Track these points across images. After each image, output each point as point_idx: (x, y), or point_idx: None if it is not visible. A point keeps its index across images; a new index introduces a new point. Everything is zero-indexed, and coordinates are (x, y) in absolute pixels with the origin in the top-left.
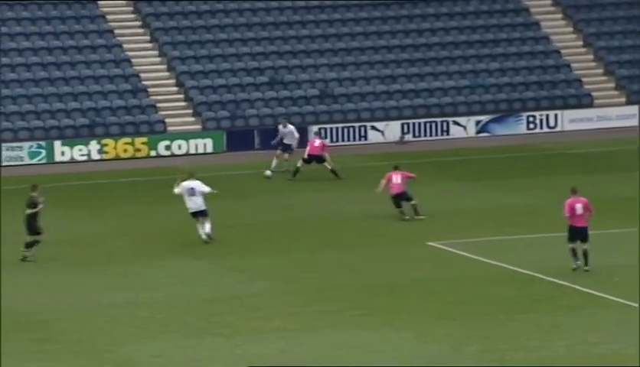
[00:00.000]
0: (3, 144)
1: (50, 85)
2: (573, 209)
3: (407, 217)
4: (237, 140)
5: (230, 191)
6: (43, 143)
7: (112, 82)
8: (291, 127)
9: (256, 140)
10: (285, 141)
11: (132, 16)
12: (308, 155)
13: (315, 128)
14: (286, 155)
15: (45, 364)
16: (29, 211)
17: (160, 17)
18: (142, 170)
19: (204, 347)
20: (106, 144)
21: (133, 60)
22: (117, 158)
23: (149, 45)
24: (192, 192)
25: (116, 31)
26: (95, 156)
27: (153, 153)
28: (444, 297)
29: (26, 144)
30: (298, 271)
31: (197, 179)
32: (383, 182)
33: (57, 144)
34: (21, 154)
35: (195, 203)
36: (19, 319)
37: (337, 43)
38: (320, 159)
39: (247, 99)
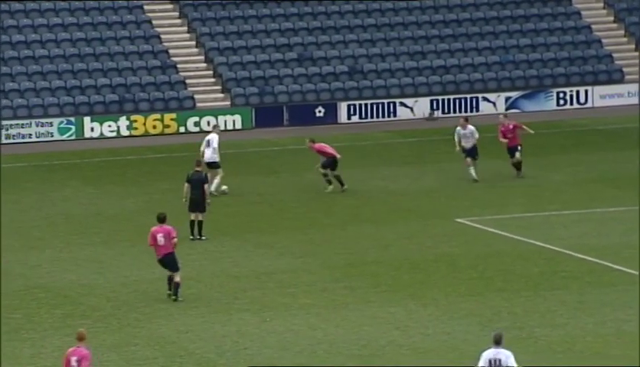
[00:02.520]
0: (34, 120)
1: (80, 61)
2: None
3: None
4: (266, 116)
5: (258, 167)
6: (72, 119)
7: (141, 58)
8: (471, 127)
9: (285, 116)
10: (465, 145)
11: None
12: (508, 147)
13: (344, 105)
14: (470, 160)
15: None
16: (206, 187)
17: None
18: (171, 146)
19: (232, 323)
20: (135, 120)
21: (162, 36)
22: (146, 134)
23: (178, 21)
24: (207, 143)
25: (146, 7)
26: (124, 132)
27: (182, 129)
28: (471, 274)
29: (56, 120)
30: (327, 247)
31: (218, 134)
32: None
33: (87, 120)
34: (50, 129)
35: (207, 155)
36: (50, 295)
37: (366, 20)
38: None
39: (276, 76)
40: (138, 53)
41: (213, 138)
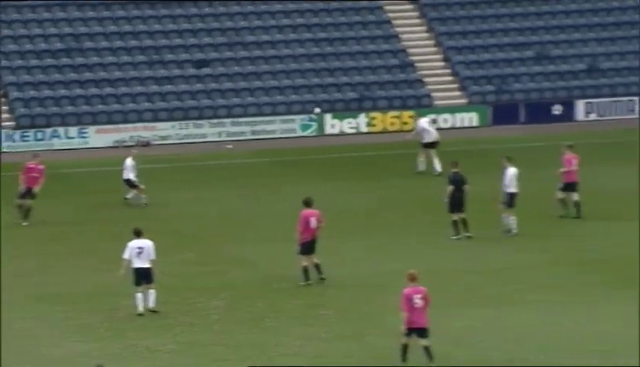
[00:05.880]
0: (278, 117)
1: (322, 60)
2: None
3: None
4: (502, 114)
5: (493, 164)
6: (314, 116)
7: (380, 57)
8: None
9: (521, 114)
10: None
11: None
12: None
13: (581, 103)
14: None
15: (315, 329)
16: (466, 187)
17: None
18: (409, 142)
19: (468, 316)
20: (374, 118)
21: (401, 36)
22: (384, 131)
23: (418, 21)
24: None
25: (386, 8)
26: (363, 129)
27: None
28: None
29: (298, 117)
30: (563, 243)
31: None
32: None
33: (328, 117)
34: (293, 126)
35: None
36: (290, 285)
37: (606, 18)
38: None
39: (513, 74)
40: (378, 52)
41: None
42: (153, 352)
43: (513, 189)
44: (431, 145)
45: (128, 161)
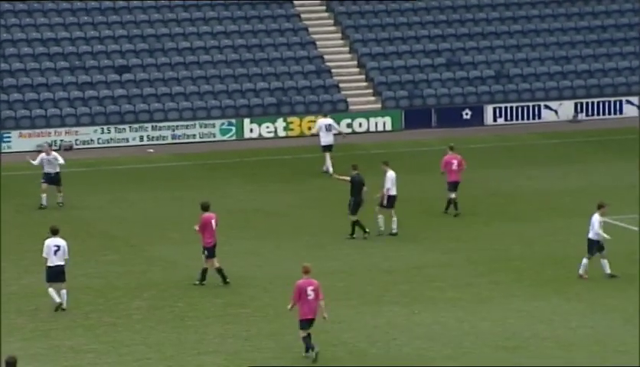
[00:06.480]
0: (197, 122)
1: (241, 66)
2: None
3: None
4: (415, 118)
5: (406, 167)
6: (233, 120)
7: (297, 63)
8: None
9: (433, 118)
10: (325, 140)
11: (318, 1)
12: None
13: (490, 107)
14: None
15: (234, 326)
16: (365, 189)
17: (344, 3)
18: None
19: (383, 314)
20: (291, 122)
21: (318, 43)
22: (302, 135)
23: (333, 28)
24: (327, 128)
25: (303, 16)
26: (281, 133)
27: (335, 130)
28: (614, 270)
29: (218, 122)
30: (472, 243)
31: None
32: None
33: (247, 121)
34: (213, 130)
35: (330, 138)
36: (211, 285)
37: (513, 26)
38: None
39: (425, 80)
40: (295, 58)
41: (330, 122)
42: (77, 351)
43: (393, 192)
44: (325, 148)
45: (44, 156)
